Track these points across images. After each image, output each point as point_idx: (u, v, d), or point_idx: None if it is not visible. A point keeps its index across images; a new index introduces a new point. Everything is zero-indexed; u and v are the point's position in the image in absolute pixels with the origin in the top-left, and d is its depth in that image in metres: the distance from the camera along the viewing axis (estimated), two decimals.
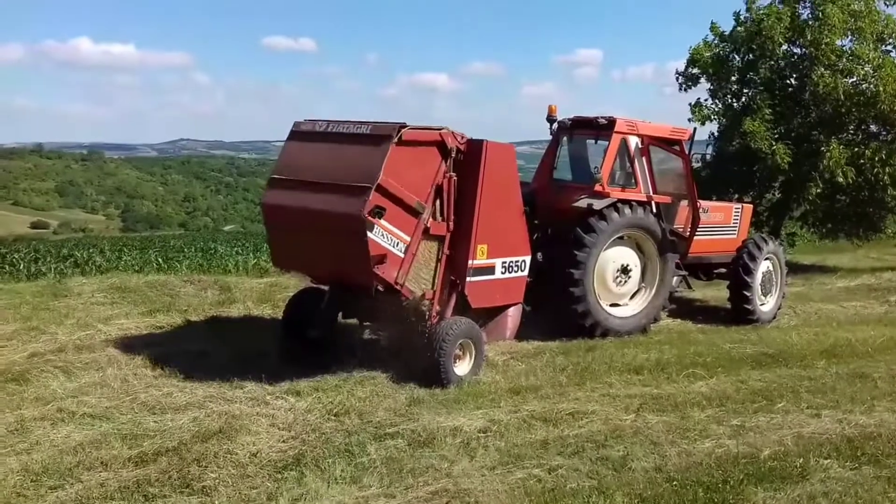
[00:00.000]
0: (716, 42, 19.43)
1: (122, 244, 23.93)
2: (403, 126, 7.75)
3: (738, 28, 18.88)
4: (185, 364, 8.44)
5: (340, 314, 8.97)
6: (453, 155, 8.15)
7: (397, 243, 7.65)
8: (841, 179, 17.07)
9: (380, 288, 7.67)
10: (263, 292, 12.41)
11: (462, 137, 8.24)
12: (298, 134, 8.64)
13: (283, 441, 6.37)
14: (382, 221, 7.48)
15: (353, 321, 9.18)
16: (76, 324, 9.94)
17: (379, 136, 7.75)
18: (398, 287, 7.75)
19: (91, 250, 20.06)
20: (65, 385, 7.70)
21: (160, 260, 18.01)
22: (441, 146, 8.09)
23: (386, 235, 7.54)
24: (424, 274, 8.14)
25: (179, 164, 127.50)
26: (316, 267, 8.44)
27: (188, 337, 9.76)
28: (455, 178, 8.18)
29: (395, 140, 7.62)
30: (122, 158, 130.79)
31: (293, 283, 11.84)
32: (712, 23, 19.55)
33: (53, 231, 72.65)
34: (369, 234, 7.37)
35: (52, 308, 10.84)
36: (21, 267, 15.93)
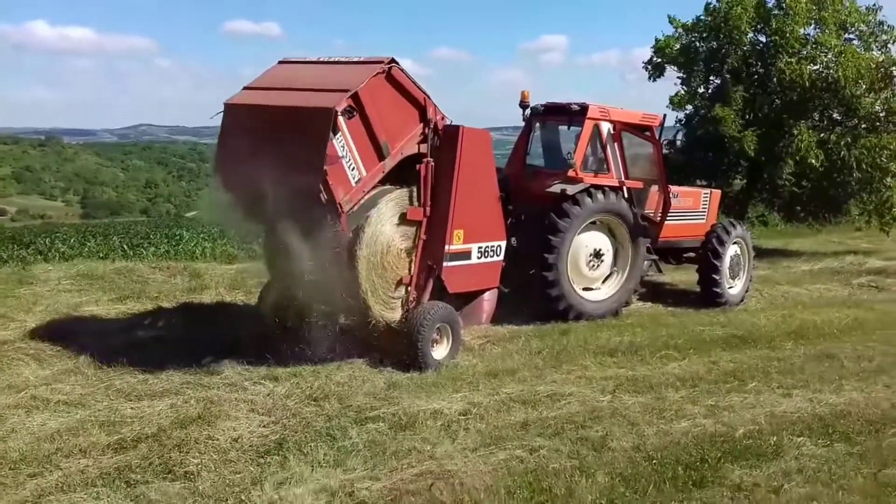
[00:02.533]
0: (679, 33, 19.62)
1: (84, 231, 23.48)
2: (395, 61, 7.79)
3: (706, 17, 19.04)
4: (159, 351, 8.38)
5: None
6: (430, 128, 8.14)
7: (353, 166, 7.53)
8: (813, 161, 17.32)
9: (323, 196, 7.36)
10: (234, 278, 12.29)
11: (443, 118, 8.25)
12: (285, 61, 8.66)
13: (264, 426, 6.35)
14: (346, 133, 7.38)
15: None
16: (45, 311, 9.79)
17: (368, 63, 7.82)
18: (339, 209, 7.45)
19: (53, 237, 19.67)
20: (37, 373, 7.60)
21: (125, 247, 17.70)
22: (422, 111, 8.10)
23: (345, 149, 7.42)
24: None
25: (140, 150, 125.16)
26: (263, 173, 7.59)
27: (161, 324, 9.67)
28: (432, 163, 8.18)
29: (384, 70, 7.69)
30: (80, 144, 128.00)
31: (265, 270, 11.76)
32: (670, 17, 19.78)
33: (11, 218, 70.91)
34: (332, 135, 7.26)
35: (19, 296, 10.64)
36: None
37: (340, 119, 7.30)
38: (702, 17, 19.29)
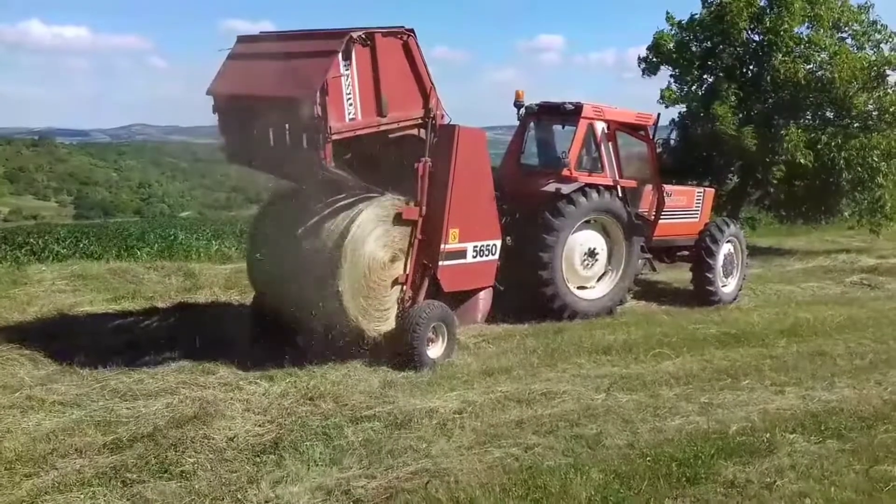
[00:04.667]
0: (675, 32, 19.63)
1: (78, 231, 23.42)
2: (413, 33, 7.88)
3: (702, 14, 19.06)
4: (154, 351, 8.39)
5: None
6: (430, 117, 8.18)
7: (350, 101, 7.54)
8: (802, 160, 17.36)
9: (317, 110, 7.24)
10: (229, 278, 12.34)
11: (443, 115, 8.29)
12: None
13: (260, 425, 6.35)
14: (355, 66, 7.45)
15: None
16: (39, 311, 9.82)
17: (387, 27, 7.93)
18: (328, 133, 7.33)
19: (46, 237, 19.62)
20: (32, 373, 7.61)
21: (120, 247, 17.67)
22: (426, 99, 8.16)
23: (348, 82, 7.46)
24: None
25: (134, 150, 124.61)
26: (264, 86, 7.80)
27: (156, 324, 9.70)
28: (429, 162, 8.20)
29: (402, 35, 7.83)
30: (74, 144, 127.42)
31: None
32: (668, 13, 19.82)
33: (4, 218, 70.65)
34: (341, 60, 7.34)
35: (13, 296, 10.65)
36: None
37: (353, 50, 7.36)
38: (697, 15, 19.32)
